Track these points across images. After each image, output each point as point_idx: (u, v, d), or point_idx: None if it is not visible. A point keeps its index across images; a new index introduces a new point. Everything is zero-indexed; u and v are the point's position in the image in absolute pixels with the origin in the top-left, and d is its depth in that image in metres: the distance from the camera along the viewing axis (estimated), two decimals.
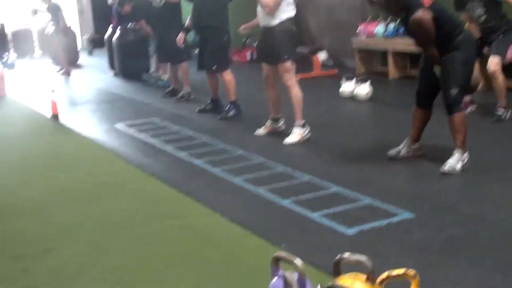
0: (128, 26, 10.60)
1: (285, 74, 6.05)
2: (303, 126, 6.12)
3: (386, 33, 9.42)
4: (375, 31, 9.60)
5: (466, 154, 4.95)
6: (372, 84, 7.98)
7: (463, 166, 4.90)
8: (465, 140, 4.93)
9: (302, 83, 6.48)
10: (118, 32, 10.88)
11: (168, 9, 8.42)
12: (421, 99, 5.18)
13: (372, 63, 10.20)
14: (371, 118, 7.52)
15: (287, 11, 5.97)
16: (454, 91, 4.84)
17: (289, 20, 5.99)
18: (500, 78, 6.50)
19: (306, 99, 6.20)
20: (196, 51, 7.82)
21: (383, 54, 9.76)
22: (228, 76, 7.31)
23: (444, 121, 4.99)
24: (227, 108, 7.39)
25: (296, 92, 6.07)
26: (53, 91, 7.94)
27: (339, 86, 8.24)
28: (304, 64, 9.58)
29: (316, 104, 7.47)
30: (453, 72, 4.87)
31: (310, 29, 11.51)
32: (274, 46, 5.99)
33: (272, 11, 5.88)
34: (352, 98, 8.01)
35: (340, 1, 10.86)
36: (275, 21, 5.95)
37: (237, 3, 7.74)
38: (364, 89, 7.90)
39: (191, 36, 8.95)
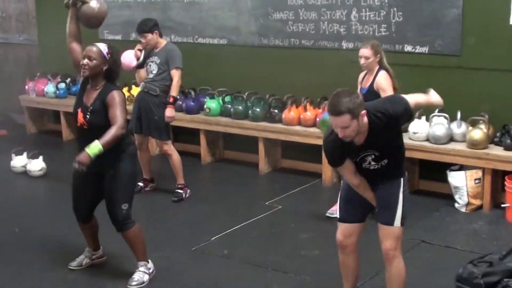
0: None
1: None
2: None
3: (57, 93, 8.94)
4: (45, 90, 9.05)
5: (150, 264, 4.79)
6: (45, 148, 7.64)
7: (150, 275, 4.74)
8: (145, 251, 4.76)
9: None
10: None
11: None
12: (80, 214, 4.80)
13: (43, 122, 9.64)
14: (46, 202, 6.94)
15: None
16: (124, 207, 4.58)
17: None
18: (174, 157, 6.49)
19: None
20: None
21: (56, 113, 9.28)
22: None
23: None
24: None
25: None
26: None
27: (10, 153, 7.61)
28: None
29: None
30: (122, 187, 4.57)
31: None
32: None
33: None
34: (26, 173, 7.42)
35: (4, 53, 10.09)
36: None
37: None
38: (37, 165, 7.36)
39: None
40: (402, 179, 3.90)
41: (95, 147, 4.22)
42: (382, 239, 3.90)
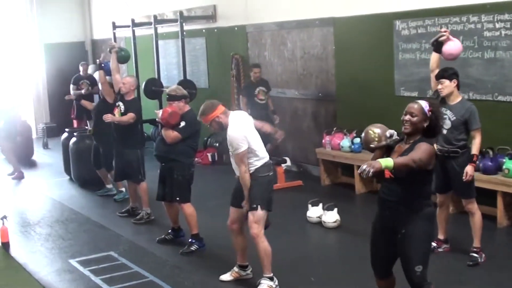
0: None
1: (252, 224, 5.69)
2: (271, 279, 5.76)
3: (352, 147, 9.22)
4: (341, 144, 9.39)
5: None
6: (338, 200, 7.78)
7: None
8: None
9: None
10: (74, 136, 10.50)
11: (125, 126, 8.10)
12: (377, 269, 4.82)
13: (337, 174, 9.97)
14: (340, 254, 7.12)
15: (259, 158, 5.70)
16: (418, 269, 4.49)
17: (266, 166, 5.72)
18: (477, 216, 6.23)
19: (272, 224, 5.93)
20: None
21: (349, 167, 9.55)
22: (189, 209, 6.96)
23: None
24: (189, 242, 7.01)
25: (263, 245, 5.70)
26: (5, 217, 7.49)
27: (305, 203, 7.97)
28: None
29: (282, 233, 7.15)
30: (415, 248, 4.50)
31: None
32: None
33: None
34: (321, 224, 7.72)
35: (304, 108, 10.68)
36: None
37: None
38: (332, 217, 7.62)
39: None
40: None
41: (388, 161, 4.21)
42: None
